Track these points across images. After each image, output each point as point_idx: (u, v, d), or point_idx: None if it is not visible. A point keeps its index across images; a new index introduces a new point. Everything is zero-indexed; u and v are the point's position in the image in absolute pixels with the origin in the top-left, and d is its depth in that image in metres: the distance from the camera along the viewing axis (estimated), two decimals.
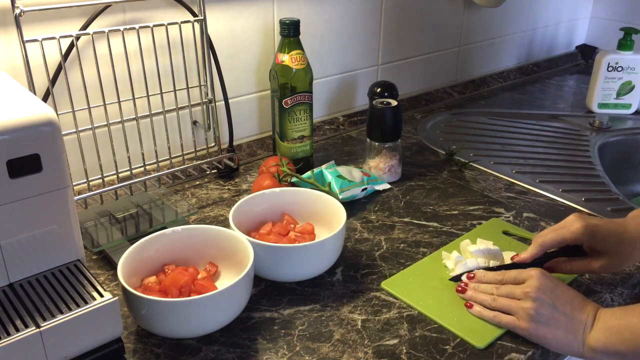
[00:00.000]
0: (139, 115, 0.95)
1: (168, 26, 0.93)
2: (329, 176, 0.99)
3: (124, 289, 0.68)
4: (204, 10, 0.98)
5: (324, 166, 1.03)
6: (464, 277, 0.78)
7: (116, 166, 0.93)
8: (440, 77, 1.53)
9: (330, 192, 0.94)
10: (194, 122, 1.07)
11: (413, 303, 0.76)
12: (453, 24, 1.49)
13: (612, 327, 0.66)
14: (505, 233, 0.92)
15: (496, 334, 0.71)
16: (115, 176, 0.94)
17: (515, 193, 1.05)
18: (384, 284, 0.80)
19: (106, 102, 0.90)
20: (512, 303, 0.71)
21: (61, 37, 0.84)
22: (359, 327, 0.73)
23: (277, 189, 0.90)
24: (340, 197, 0.95)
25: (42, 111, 0.59)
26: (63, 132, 0.68)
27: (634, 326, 0.64)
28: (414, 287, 0.79)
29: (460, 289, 0.77)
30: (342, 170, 1.01)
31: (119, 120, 0.93)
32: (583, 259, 0.78)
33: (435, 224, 0.95)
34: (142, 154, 0.96)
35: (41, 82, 0.86)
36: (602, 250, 0.76)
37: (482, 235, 0.91)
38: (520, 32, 1.68)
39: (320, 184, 0.98)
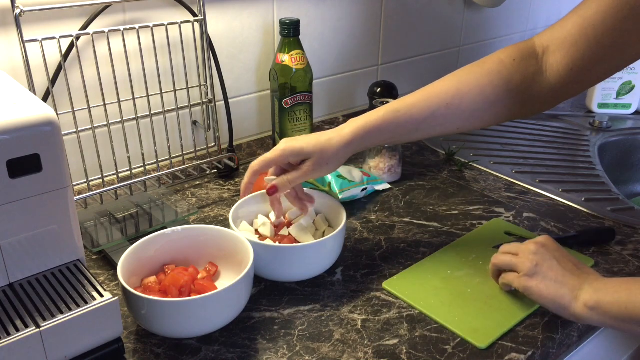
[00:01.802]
0: (139, 115, 0.95)
1: (168, 26, 0.93)
2: (328, 176, 0.99)
3: (124, 289, 0.68)
4: (204, 10, 0.98)
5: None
6: None
7: (116, 166, 0.93)
8: (440, 77, 1.52)
9: (330, 192, 0.94)
10: (194, 122, 1.07)
11: (415, 303, 0.76)
12: (453, 24, 1.49)
13: (609, 287, 0.66)
14: (507, 233, 0.92)
15: (498, 334, 0.71)
16: (115, 176, 0.94)
17: (515, 193, 1.05)
18: (385, 284, 0.80)
19: (106, 102, 0.90)
20: (512, 259, 0.73)
21: (61, 37, 0.84)
22: (359, 327, 0.73)
23: None
24: (340, 197, 0.95)
25: (42, 111, 0.59)
26: (63, 132, 0.68)
27: (632, 289, 0.64)
28: (415, 287, 0.79)
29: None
30: (342, 170, 1.01)
31: (119, 120, 0.93)
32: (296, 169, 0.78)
33: (435, 224, 0.95)
34: (142, 154, 0.96)
35: (41, 82, 0.86)
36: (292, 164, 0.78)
37: (484, 235, 0.91)
38: (520, 32, 1.68)
39: (320, 184, 0.98)
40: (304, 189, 0.86)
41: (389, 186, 1.06)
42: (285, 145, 0.77)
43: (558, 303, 0.68)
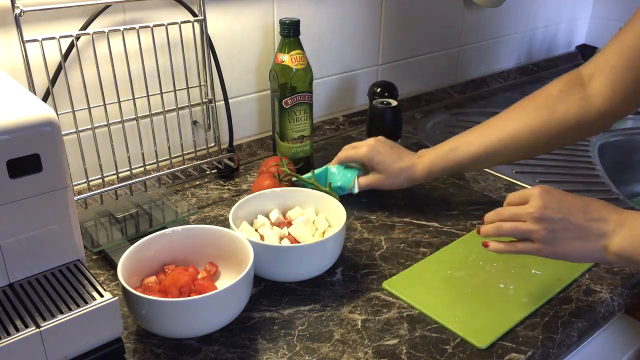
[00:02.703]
0: (139, 115, 0.95)
1: (168, 26, 0.93)
2: (334, 169, 1.00)
3: (124, 289, 0.68)
4: (204, 10, 0.98)
5: (329, 165, 1.02)
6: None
7: (116, 166, 0.93)
8: (440, 77, 1.53)
9: (330, 192, 0.94)
10: (194, 122, 1.07)
11: (415, 303, 0.76)
12: (453, 24, 1.49)
13: (635, 235, 0.64)
14: None
15: (498, 334, 0.71)
16: (115, 176, 0.94)
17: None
18: (385, 284, 0.80)
19: (106, 102, 0.90)
20: (520, 226, 0.69)
21: (61, 37, 0.84)
22: (359, 327, 0.73)
23: (277, 189, 0.90)
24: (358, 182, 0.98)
25: (42, 111, 0.59)
26: (63, 132, 0.68)
27: None
28: (416, 287, 0.79)
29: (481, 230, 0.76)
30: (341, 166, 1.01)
31: (119, 120, 0.93)
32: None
33: (435, 224, 0.95)
34: (142, 154, 0.96)
35: (41, 82, 0.86)
36: (378, 169, 0.96)
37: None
38: (520, 32, 1.68)
39: (324, 183, 0.98)
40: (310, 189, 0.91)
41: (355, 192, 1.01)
42: (372, 153, 0.95)
43: (590, 257, 0.68)
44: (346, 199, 1.02)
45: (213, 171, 1.07)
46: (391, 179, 0.95)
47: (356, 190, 0.98)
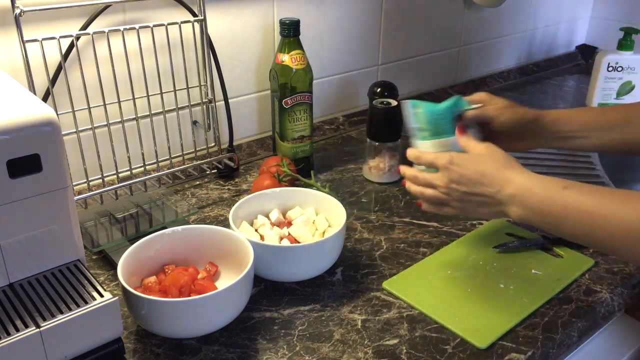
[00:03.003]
0: (139, 115, 0.95)
1: (168, 26, 0.93)
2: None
3: (124, 289, 0.68)
4: (204, 10, 0.98)
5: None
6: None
7: (116, 166, 0.93)
8: (440, 77, 1.53)
9: (330, 192, 0.94)
10: (194, 122, 1.07)
11: (415, 303, 0.76)
12: (453, 24, 1.49)
13: (532, 209, 0.69)
14: (507, 233, 0.92)
15: (498, 334, 0.71)
16: (115, 176, 0.94)
17: None
18: (385, 284, 0.80)
19: (106, 102, 0.90)
20: (437, 195, 0.77)
21: (61, 37, 0.84)
22: (359, 327, 0.73)
23: (277, 189, 0.90)
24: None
25: (42, 111, 0.59)
26: (63, 132, 0.68)
27: (556, 213, 0.67)
28: (416, 287, 0.79)
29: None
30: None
31: (119, 120, 0.93)
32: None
33: (435, 224, 0.95)
34: (142, 154, 0.96)
35: (41, 82, 0.86)
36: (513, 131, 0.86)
37: (484, 235, 0.91)
38: (520, 32, 1.68)
39: (321, 185, 0.98)
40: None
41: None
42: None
43: (501, 217, 0.77)
44: (346, 199, 1.02)
45: (213, 171, 1.07)
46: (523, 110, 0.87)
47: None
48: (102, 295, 0.61)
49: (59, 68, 0.88)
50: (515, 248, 0.87)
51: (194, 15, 1.00)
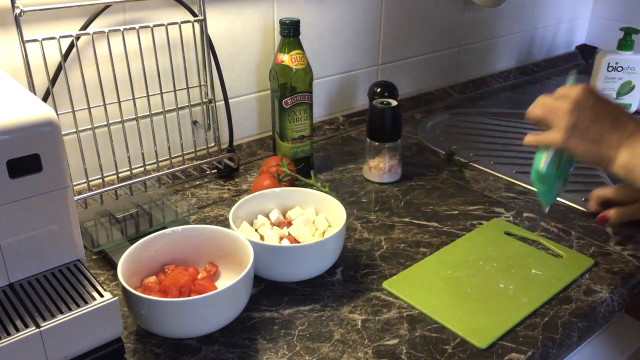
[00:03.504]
0: (139, 115, 0.95)
1: (168, 26, 0.93)
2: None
3: (124, 289, 0.68)
4: (204, 10, 0.98)
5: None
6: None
7: (116, 166, 0.93)
8: (440, 77, 1.53)
9: (330, 192, 0.94)
10: (194, 122, 1.07)
11: (415, 303, 0.76)
12: (453, 24, 1.49)
13: None
14: (507, 233, 0.92)
15: (498, 334, 0.71)
16: (115, 176, 0.94)
17: (515, 193, 1.05)
18: (385, 284, 0.80)
19: (106, 102, 0.90)
20: (549, 114, 0.73)
21: (61, 37, 0.84)
22: (359, 327, 0.73)
23: (277, 189, 0.90)
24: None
25: (42, 111, 0.59)
26: (63, 132, 0.68)
27: None
28: (416, 287, 0.79)
29: None
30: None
31: (119, 120, 0.93)
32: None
33: (435, 224, 0.95)
34: (142, 154, 0.96)
35: (41, 82, 0.86)
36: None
37: (484, 235, 0.91)
38: (520, 32, 1.68)
39: (320, 185, 0.98)
40: None
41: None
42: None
43: (598, 162, 0.71)
44: (346, 199, 1.02)
45: (213, 171, 1.07)
46: None
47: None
48: (102, 295, 0.61)
49: (59, 68, 0.88)
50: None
51: (194, 15, 1.00)
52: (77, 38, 0.86)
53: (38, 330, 0.56)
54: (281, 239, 0.82)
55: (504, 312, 0.75)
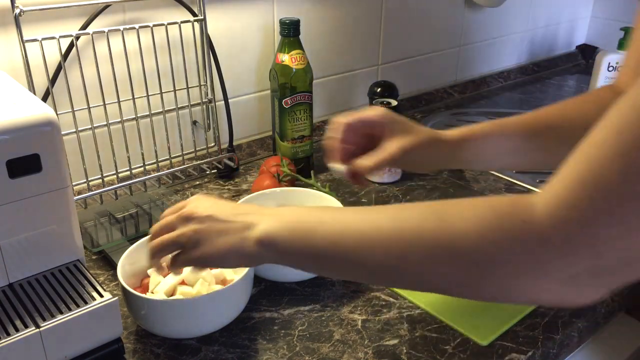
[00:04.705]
0: (138, 115, 0.95)
1: (168, 26, 0.93)
2: None
3: (123, 289, 0.68)
4: (204, 10, 0.98)
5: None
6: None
7: (116, 166, 0.93)
8: (440, 77, 1.53)
9: (330, 192, 0.94)
10: (194, 122, 1.07)
11: (417, 301, 0.76)
12: (453, 24, 1.49)
13: (286, 221, 0.56)
14: None
15: (499, 332, 0.71)
16: (115, 176, 0.94)
17: (516, 193, 1.05)
18: None
19: (106, 102, 0.90)
20: (169, 236, 0.59)
21: (61, 37, 0.84)
22: (359, 327, 0.73)
23: (277, 189, 0.90)
24: None
25: (41, 111, 0.59)
26: (63, 132, 0.68)
27: (311, 222, 0.54)
28: None
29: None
30: None
31: (119, 120, 0.93)
32: (378, 149, 0.71)
33: None
34: (142, 154, 0.96)
35: (41, 82, 0.86)
36: (396, 132, 0.72)
37: None
38: (520, 32, 1.68)
39: (319, 185, 0.98)
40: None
41: None
42: (386, 112, 0.73)
43: (234, 253, 0.57)
44: (346, 199, 1.02)
45: (213, 171, 1.07)
46: (421, 137, 0.72)
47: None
48: (101, 296, 0.61)
49: (59, 68, 0.88)
50: None
51: (194, 15, 1.00)
52: (77, 38, 0.86)
53: (38, 330, 0.56)
54: None
55: (505, 310, 0.75)
